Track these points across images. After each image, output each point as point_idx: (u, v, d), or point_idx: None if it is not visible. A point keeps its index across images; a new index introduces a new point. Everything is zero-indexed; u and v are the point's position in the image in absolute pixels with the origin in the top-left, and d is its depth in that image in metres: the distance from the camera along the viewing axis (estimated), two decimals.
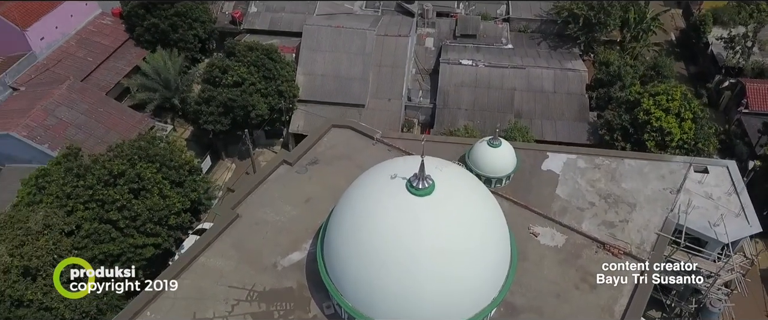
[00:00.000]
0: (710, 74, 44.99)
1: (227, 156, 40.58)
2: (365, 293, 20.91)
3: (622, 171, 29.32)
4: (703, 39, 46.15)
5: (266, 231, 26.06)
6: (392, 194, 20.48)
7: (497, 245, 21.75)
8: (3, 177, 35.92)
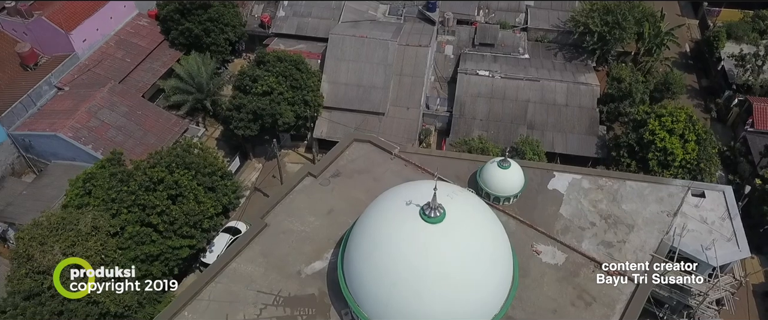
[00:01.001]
0: (721, 89, 46.24)
1: (255, 156, 43.12)
2: (379, 307, 23.38)
3: (623, 192, 31.24)
4: (715, 54, 47.28)
5: (292, 240, 28.56)
6: (406, 220, 22.80)
7: (501, 268, 24.07)
8: (49, 173, 38.93)
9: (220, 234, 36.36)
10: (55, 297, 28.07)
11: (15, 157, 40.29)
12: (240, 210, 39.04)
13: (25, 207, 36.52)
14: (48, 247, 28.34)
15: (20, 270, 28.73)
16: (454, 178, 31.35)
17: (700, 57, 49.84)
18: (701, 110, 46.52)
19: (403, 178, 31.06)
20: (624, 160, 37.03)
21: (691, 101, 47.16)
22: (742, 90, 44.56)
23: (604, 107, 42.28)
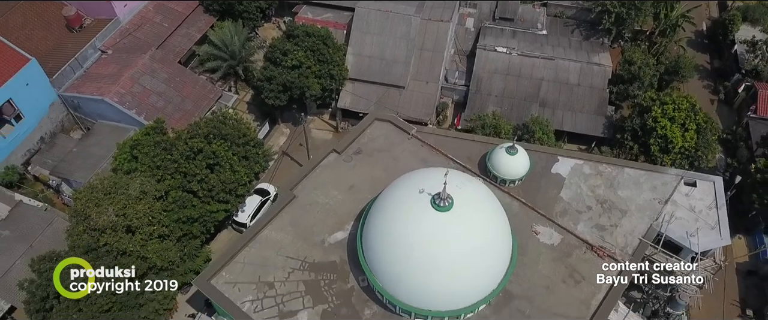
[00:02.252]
0: (731, 72, 47.66)
1: (283, 122, 46.08)
2: (391, 279, 26.85)
3: (620, 179, 33.88)
4: (730, 36, 48.39)
5: (317, 212, 31.92)
6: (418, 207, 25.90)
7: (501, 252, 27.31)
8: (96, 132, 42.26)
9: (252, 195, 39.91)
10: (110, 252, 32.05)
11: (64, 115, 43.70)
12: (269, 173, 42.40)
13: (75, 165, 40.17)
14: (103, 209, 31.99)
15: (78, 227, 32.56)
16: (465, 159, 34.26)
17: (714, 37, 50.92)
18: (710, 91, 48.15)
19: (419, 158, 34.10)
20: (627, 142, 39.35)
21: (701, 81, 48.73)
22: (751, 75, 45.96)
23: (614, 88, 44.16)
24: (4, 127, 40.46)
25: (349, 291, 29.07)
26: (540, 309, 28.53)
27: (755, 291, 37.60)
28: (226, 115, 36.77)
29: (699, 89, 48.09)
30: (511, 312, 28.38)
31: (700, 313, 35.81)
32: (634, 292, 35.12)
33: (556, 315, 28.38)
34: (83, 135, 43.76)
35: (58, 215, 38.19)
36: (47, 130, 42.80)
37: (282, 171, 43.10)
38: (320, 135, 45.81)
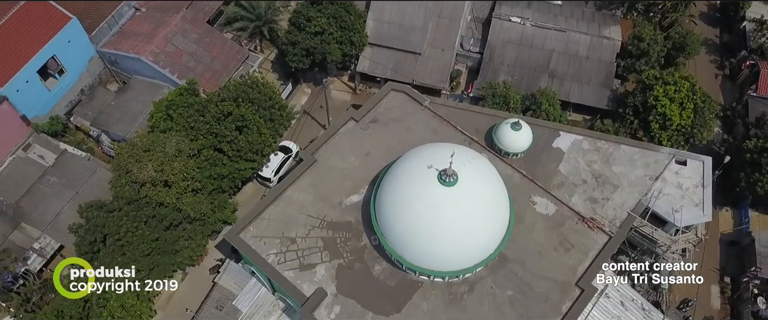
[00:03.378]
0: (739, 48, 48.92)
1: (305, 82, 48.63)
2: (400, 243, 30.14)
3: (616, 155, 36.35)
4: (740, 13, 49.36)
5: (335, 176, 34.94)
6: (426, 182, 28.78)
7: (500, 222, 30.36)
8: (132, 87, 45.14)
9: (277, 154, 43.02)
10: (149, 203, 35.65)
11: (102, 69, 46.55)
12: (291, 131, 45.36)
13: (114, 117, 43.37)
14: (143, 165, 35.33)
15: (121, 180, 36.08)
16: (473, 131, 36.83)
17: (726, 12, 51.80)
18: (716, 66, 49.60)
19: (431, 129, 36.77)
20: (628, 117, 41.50)
21: (709, 55, 50.11)
22: (756, 53, 47.24)
23: (621, 61, 45.86)
24: (48, 81, 43.49)
25: (362, 248, 32.51)
26: (531, 272, 31.84)
27: (735, 260, 40.57)
28: (254, 80, 39.41)
29: (705, 63, 49.59)
30: (506, 273, 31.74)
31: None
32: (623, 257, 38.48)
33: (545, 278, 31.69)
34: (120, 88, 46.78)
35: (100, 165, 41.76)
36: (87, 83, 45.82)
37: (303, 130, 46.00)
38: (339, 95, 48.43)
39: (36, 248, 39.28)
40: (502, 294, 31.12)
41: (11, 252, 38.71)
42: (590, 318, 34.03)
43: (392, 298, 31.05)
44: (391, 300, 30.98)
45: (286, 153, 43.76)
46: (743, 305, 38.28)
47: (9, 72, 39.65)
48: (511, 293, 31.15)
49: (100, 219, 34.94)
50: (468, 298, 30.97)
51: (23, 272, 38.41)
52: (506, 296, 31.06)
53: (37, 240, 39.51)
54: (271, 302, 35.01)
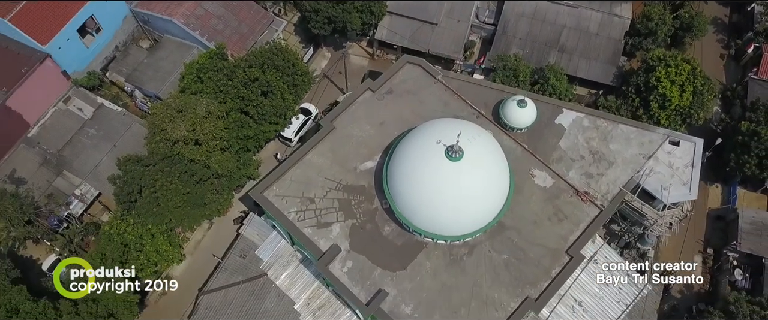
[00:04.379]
0: (746, 29, 50.12)
1: (325, 46, 50.83)
2: (408, 208, 33.16)
3: (614, 134, 38.65)
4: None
5: (352, 142, 37.69)
6: (434, 156, 31.47)
7: (500, 194, 33.22)
8: (163, 46, 47.63)
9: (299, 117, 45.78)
10: (181, 160, 38.80)
11: (135, 27, 49.01)
12: (310, 93, 47.88)
13: (147, 75, 46.11)
14: (176, 124, 38.22)
15: (155, 137, 39.09)
16: (481, 105, 39.21)
17: None
18: (722, 45, 50.94)
19: (442, 102, 39.18)
20: (630, 95, 43.51)
21: (716, 35, 51.38)
22: (762, 36, 48.46)
23: (629, 39, 47.43)
24: (86, 38, 46.10)
25: (374, 210, 35.64)
26: (526, 239, 34.89)
27: (719, 234, 43.31)
28: (279, 47, 41.75)
29: (713, 42, 50.94)
30: (502, 239, 34.85)
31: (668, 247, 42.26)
32: (614, 226, 41.40)
33: (538, 245, 34.76)
34: (151, 46, 49.30)
35: (134, 119, 44.82)
36: (121, 40, 48.39)
37: (323, 93, 48.54)
38: (357, 60, 50.66)
39: (77, 194, 42.91)
40: (498, 258, 34.30)
41: (56, 197, 42.39)
42: (579, 281, 37.40)
43: (399, 256, 34.37)
44: (398, 258, 34.31)
45: (306, 115, 46.49)
46: (722, 275, 41.26)
47: (52, 31, 42.33)
48: (506, 257, 34.32)
49: (136, 172, 38.15)
50: (467, 260, 34.23)
51: (66, 216, 42.20)
52: (502, 260, 34.25)
53: (78, 187, 43.11)
54: (289, 253, 38.52)
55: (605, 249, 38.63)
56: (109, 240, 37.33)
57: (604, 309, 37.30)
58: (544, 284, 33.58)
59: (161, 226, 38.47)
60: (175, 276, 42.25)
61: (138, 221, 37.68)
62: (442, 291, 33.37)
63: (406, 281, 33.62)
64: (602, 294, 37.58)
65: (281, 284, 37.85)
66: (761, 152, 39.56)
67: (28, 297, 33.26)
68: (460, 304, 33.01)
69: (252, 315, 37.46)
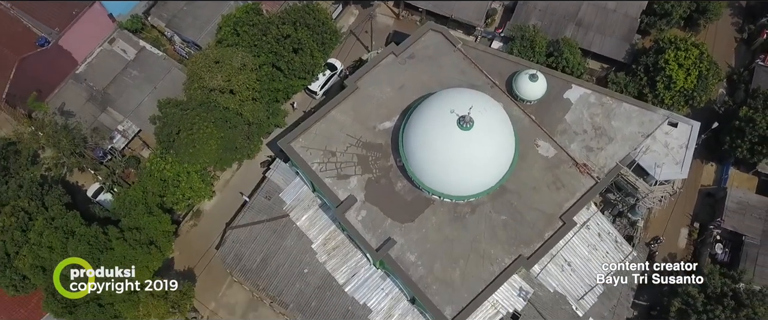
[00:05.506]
0: (761, 14, 51.14)
1: (353, 3, 52.85)
2: (419, 167, 36.33)
3: (617, 111, 40.98)
4: None
5: (372, 103, 40.51)
6: (447, 126, 34.32)
7: (505, 160, 36.22)
8: None
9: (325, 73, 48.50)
10: (217, 107, 42.06)
11: None
12: (337, 49, 50.37)
13: (186, 22, 48.78)
14: (213, 74, 41.27)
15: (193, 84, 42.25)
16: (496, 75, 41.59)
17: None
18: (736, 29, 52.10)
19: (460, 70, 41.62)
20: (639, 73, 45.48)
21: (732, 17, 52.42)
22: None
23: (645, 18, 48.88)
24: None
25: (389, 167, 38.89)
26: (525, 203, 38.09)
27: (708, 210, 46.14)
28: (312, 6, 44.06)
29: (727, 25, 52.11)
30: (503, 202, 38.10)
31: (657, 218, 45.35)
32: (610, 195, 44.38)
33: (535, 209, 37.97)
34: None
35: (173, 64, 47.86)
36: None
37: (350, 50, 50.96)
38: (383, 19, 52.73)
39: (120, 130, 46.59)
40: (498, 218, 37.65)
41: (100, 132, 46.11)
42: (570, 243, 40.83)
43: (408, 210, 37.84)
44: (407, 212, 37.79)
45: (332, 70, 49.16)
46: (704, 248, 44.39)
47: None
48: (504, 218, 37.66)
49: (175, 115, 41.55)
50: (469, 218, 37.63)
51: (110, 149, 46.05)
52: (501, 220, 37.61)
53: (120, 123, 46.74)
54: (310, 198, 42.15)
55: (598, 216, 41.84)
56: (150, 175, 41.15)
57: (591, 271, 40.80)
58: (537, 245, 36.99)
59: (196, 166, 42.13)
60: (205, 211, 46.45)
61: (176, 160, 41.30)
62: (444, 244, 36.98)
63: (413, 232, 37.22)
64: (590, 257, 41.04)
65: (301, 225, 41.67)
66: (754, 138, 41.80)
67: (81, 222, 37.39)
68: (459, 256, 36.66)
69: (274, 250, 41.50)
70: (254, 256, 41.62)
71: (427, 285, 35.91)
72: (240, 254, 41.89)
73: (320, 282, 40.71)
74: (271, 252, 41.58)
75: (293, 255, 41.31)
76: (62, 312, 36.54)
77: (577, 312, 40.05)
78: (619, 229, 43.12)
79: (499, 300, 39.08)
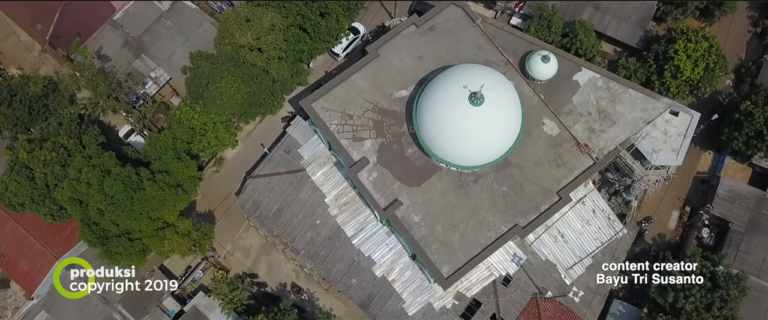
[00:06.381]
0: None
1: None
2: (430, 136, 38.67)
3: (623, 97, 42.76)
4: None
5: (391, 71, 42.58)
6: (459, 101, 36.46)
7: (510, 135, 38.43)
8: None
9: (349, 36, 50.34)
10: (245, 63, 44.34)
11: None
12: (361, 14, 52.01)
13: None
14: (243, 31, 43.38)
15: (224, 40, 44.42)
16: (511, 53, 43.35)
17: None
18: (751, 22, 52.82)
19: (477, 45, 43.38)
20: (649, 60, 46.91)
21: (748, 11, 53.04)
22: None
23: (662, 6, 49.86)
24: None
25: (401, 133, 41.27)
26: (526, 177, 40.50)
27: (700, 195, 48.22)
28: None
29: (742, 18, 52.79)
30: (505, 174, 40.54)
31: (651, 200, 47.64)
32: (609, 174, 46.61)
33: (534, 183, 40.42)
34: None
35: (206, 18, 49.87)
36: None
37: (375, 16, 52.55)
38: None
39: (152, 76, 49.08)
40: (499, 189, 40.19)
41: (134, 77, 48.70)
42: (565, 217, 43.39)
43: (416, 175, 40.45)
44: (415, 176, 40.41)
45: (355, 34, 50.99)
46: (692, 231, 46.75)
47: None
48: (505, 189, 40.20)
49: (206, 68, 43.94)
50: (472, 187, 40.21)
51: (142, 94, 48.73)
52: (501, 191, 40.15)
53: (153, 71, 49.21)
54: (326, 156, 44.77)
55: (594, 193, 44.21)
56: (179, 123, 43.90)
57: (582, 244, 43.51)
58: (533, 216, 39.62)
59: (222, 117, 44.77)
60: (228, 159, 49.40)
61: (204, 110, 43.92)
62: (446, 208, 39.71)
63: (419, 196, 39.93)
64: (583, 231, 43.64)
65: (316, 180, 44.49)
66: (751, 132, 43.53)
67: (116, 162, 40.44)
68: (459, 221, 39.44)
69: (289, 201, 44.48)
70: (271, 205, 44.68)
71: (428, 244, 38.85)
72: (258, 202, 44.97)
73: (330, 234, 43.81)
74: (287, 202, 44.57)
75: (307, 206, 44.29)
76: (96, 242, 40.02)
77: (565, 280, 42.95)
78: (614, 207, 45.45)
79: (494, 264, 42.05)
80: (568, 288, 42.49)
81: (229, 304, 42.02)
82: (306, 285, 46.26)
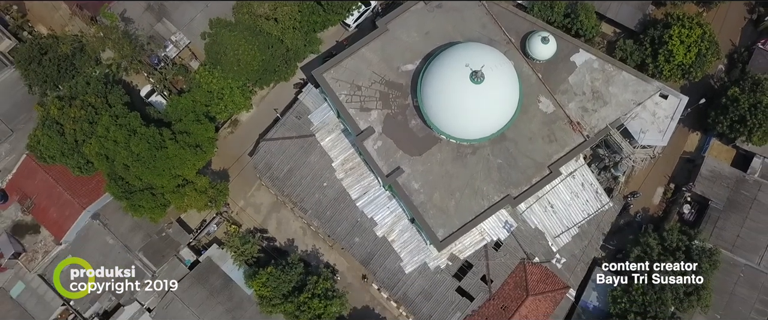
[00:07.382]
0: None
1: None
2: (432, 109, 41.16)
3: (616, 79, 44.93)
4: None
5: (399, 45, 44.68)
6: (461, 78, 38.84)
7: (509, 111, 40.95)
8: None
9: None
10: (261, 32, 46.44)
11: None
12: None
13: None
14: (261, 2, 45.45)
15: (243, 9, 46.46)
16: (513, 33, 45.37)
17: None
18: (747, 9, 54.26)
19: (481, 24, 45.34)
20: (645, 43, 48.75)
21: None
22: None
23: None
24: None
25: (406, 106, 43.76)
26: (520, 151, 43.14)
27: (685, 173, 50.72)
28: None
29: (739, 5, 54.22)
30: (501, 148, 43.19)
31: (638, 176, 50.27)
32: (600, 150, 49.16)
33: (528, 157, 43.09)
34: None
35: None
36: None
37: None
38: None
39: (173, 40, 51.34)
40: (494, 161, 42.92)
41: (155, 40, 50.99)
42: (556, 189, 46.17)
43: (418, 145, 43.14)
44: (417, 146, 43.11)
45: (367, 5, 52.84)
46: (674, 207, 49.53)
47: None
48: (500, 162, 42.92)
49: (224, 35, 46.18)
50: (469, 158, 42.95)
51: (163, 56, 51.13)
52: (496, 163, 42.89)
53: (173, 34, 51.44)
54: (335, 123, 47.37)
55: (584, 168, 46.86)
56: (198, 87, 46.46)
57: (570, 215, 46.42)
58: (524, 187, 42.49)
59: (238, 82, 47.27)
60: (242, 121, 52.15)
61: (222, 75, 46.41)
62: (444, 177, 42.57)
63: (420, 164, 42.74)
64: (571, 202, 46.45)
65: (325, 145, 47.25)
66: (735, 117, 45.79)
67: (141, 123, 43.23)
68: (456, 189, 42.35)
69: (299, 164, 47.36)
70: (282, 166, 47.62)
71: (426, 209, 41.88)
72: (270, 163, 47.90)
73: (336, 195, 46.86)
74: (297, 165, 47.47)
75: (315, 169, 47.21)
76: (121, 195, 43.22)
77: (551, 247, 46.07)
78: (602, 182, 48.11)
79: (486, 230, 45.16)
80: (554, 254, 45.63)
81: (240, 256, 45.47)
82: (312, 241, 49.63)
